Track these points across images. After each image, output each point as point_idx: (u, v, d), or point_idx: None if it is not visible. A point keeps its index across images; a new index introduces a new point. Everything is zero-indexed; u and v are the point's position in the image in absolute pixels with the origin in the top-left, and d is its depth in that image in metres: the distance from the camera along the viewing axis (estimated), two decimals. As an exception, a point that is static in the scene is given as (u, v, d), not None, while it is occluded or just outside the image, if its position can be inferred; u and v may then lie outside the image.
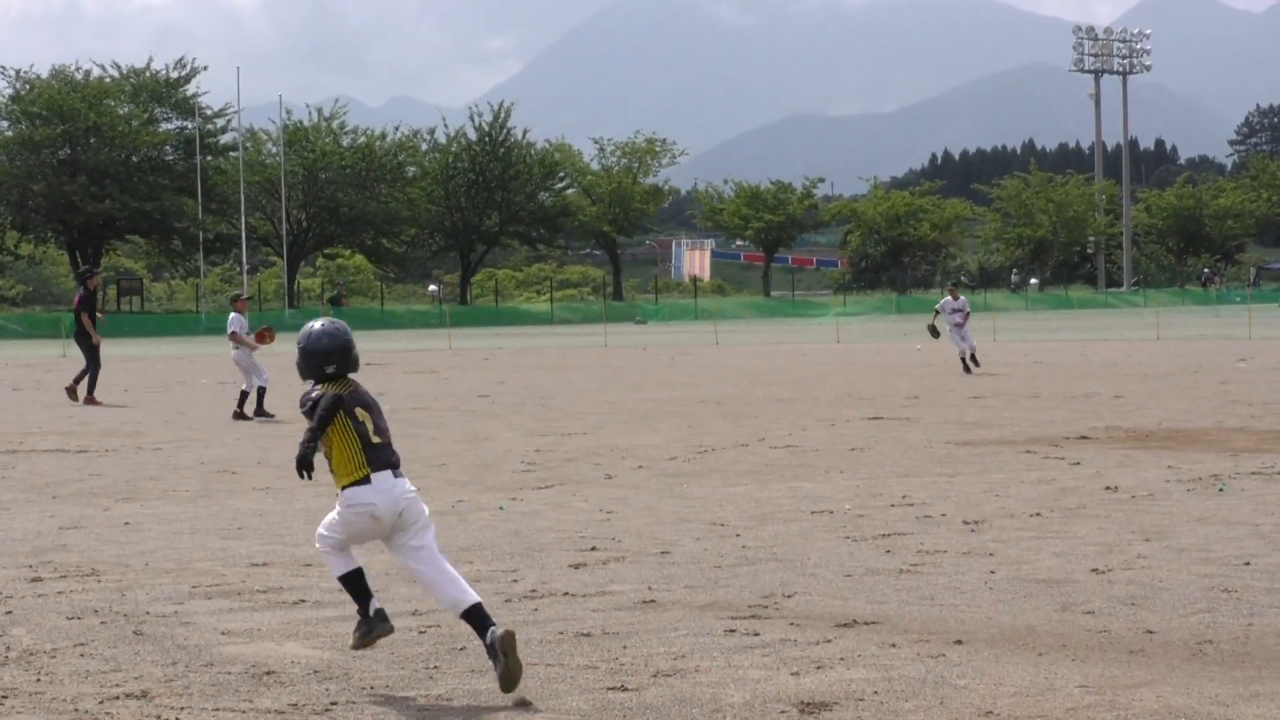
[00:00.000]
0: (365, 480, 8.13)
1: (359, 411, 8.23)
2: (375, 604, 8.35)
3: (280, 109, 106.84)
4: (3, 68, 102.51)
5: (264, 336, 27.87)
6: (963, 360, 36.33)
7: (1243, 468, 16.90)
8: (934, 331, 40.79)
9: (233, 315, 27.77)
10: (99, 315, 32.59)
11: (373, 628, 8.31)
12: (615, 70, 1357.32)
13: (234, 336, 27.57)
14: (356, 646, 8.44)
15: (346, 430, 8.17)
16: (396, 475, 8.22)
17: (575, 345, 60.42)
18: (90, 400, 30.77)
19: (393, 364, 46.27)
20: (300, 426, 9.24)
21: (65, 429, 24.81)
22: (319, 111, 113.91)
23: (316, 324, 8.39)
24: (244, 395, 26.77)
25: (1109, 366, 37.77)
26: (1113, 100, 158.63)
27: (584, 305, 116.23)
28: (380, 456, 8.19)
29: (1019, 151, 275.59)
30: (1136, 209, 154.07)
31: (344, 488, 8.18)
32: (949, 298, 38.44)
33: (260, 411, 26.44)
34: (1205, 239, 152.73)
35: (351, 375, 8.39)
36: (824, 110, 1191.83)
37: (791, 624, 9.43)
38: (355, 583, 8.36)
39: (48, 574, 11.51)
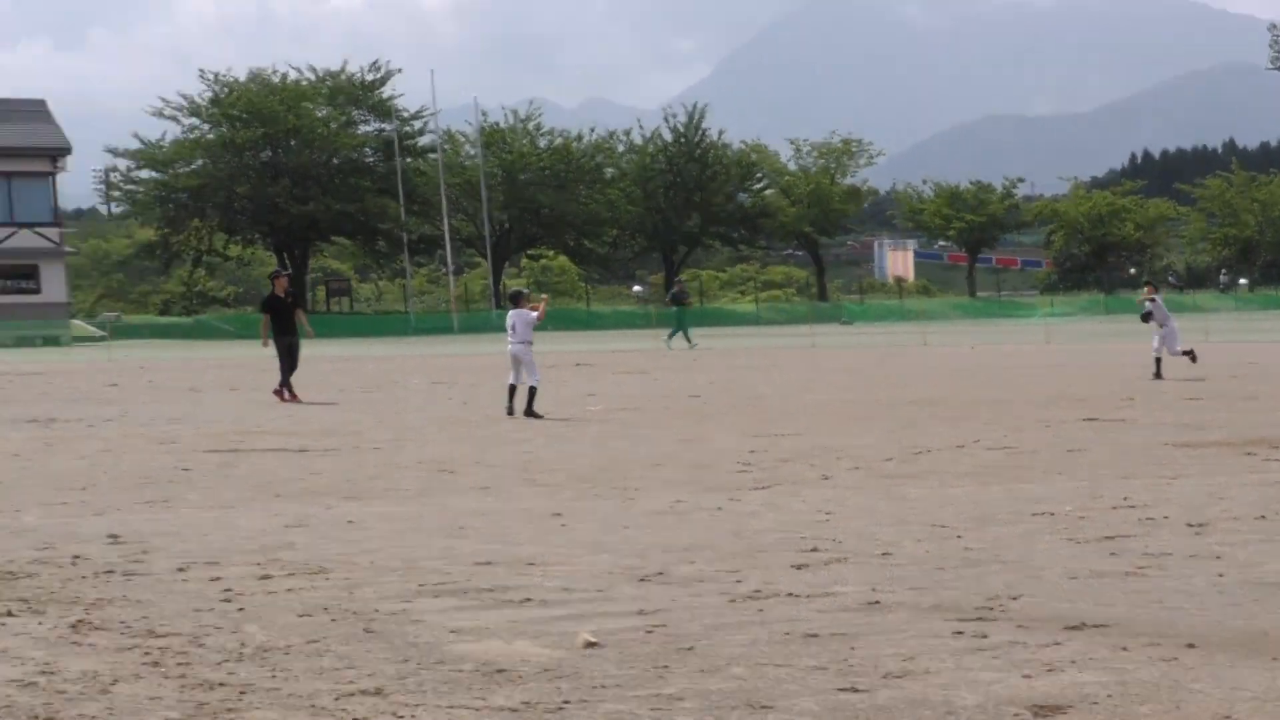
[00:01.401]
0: None
1: None
2: None
3: (475, 110, 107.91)
4: (202, 71, 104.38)
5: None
6: (1156, 361, 34.32)
7: None
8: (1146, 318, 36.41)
9: (520, 311, 27.60)
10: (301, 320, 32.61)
11: None
12: (804, 72, 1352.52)
13: (539, 316, 27.52)
14: None
15: None
16: None
17: (783, 346, 60.33)
18: (281, 395, 31.21)
19: (601, 364, 46.53)
20: (521, 431, 9.28)
21: (284, 428, 25.22)
22: (514, 113, 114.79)
23: None
24: (531, 391, 26.39)
25: (1326, 367, 37.01)
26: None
27: (789, 306, 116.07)
28: None
29: (1219, 151, 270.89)
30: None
31: None
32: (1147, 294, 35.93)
33: (530, 411, 26.14)
34: None
35: None
36: (1020, 110, 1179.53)
37: (1019, 626, 9.33)
38: None
39: (276, 571, 11.66)
